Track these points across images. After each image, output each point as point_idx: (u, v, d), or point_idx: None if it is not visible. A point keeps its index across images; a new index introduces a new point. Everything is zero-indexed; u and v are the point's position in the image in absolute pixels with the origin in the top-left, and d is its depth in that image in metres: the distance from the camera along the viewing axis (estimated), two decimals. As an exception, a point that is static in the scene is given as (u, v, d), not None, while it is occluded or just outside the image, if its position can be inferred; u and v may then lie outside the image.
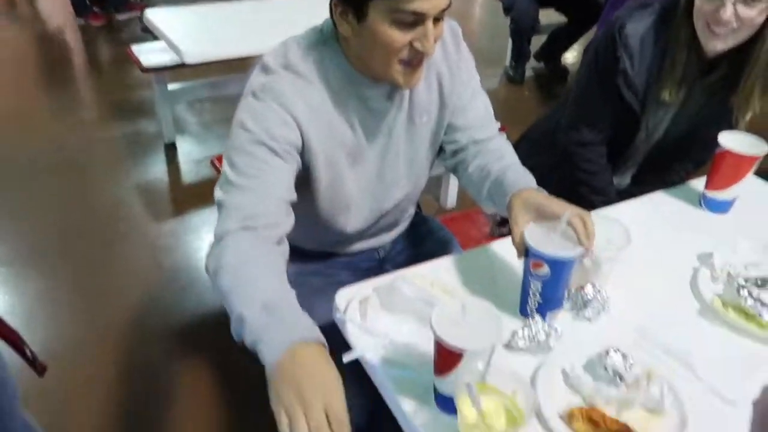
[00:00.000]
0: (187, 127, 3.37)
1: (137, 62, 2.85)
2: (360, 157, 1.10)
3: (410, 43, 0.92)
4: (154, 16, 2.54)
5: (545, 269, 0.91)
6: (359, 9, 0.91)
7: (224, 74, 3.07)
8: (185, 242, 2.47)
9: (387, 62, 0.95)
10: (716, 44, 1.24)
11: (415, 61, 0.95)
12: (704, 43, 1.26)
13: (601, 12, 3.32)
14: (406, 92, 1.09)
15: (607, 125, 1.47)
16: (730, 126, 1.36)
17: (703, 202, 1.36)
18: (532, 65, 4.27)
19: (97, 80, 4.03)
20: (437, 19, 0.92)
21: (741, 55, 1.28)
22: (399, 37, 0.91)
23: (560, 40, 4.15)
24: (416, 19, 0.89)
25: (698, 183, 1.41)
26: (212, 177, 2.60)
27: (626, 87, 1.38)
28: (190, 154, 3.11)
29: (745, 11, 1.17)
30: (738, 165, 1.26)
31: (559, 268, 0.92)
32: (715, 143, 1.26)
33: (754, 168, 1.27)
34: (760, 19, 1.20)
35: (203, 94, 3.22)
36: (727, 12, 1.17)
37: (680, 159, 1.57)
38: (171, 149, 3.10)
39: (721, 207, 1.33)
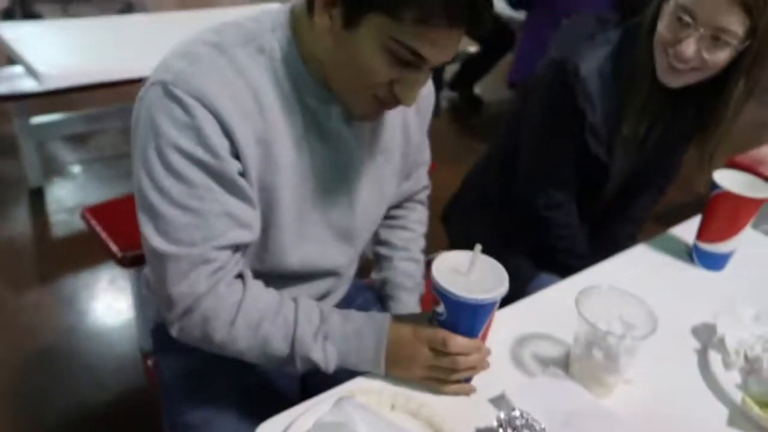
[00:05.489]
0: (60, 167, 2.83)
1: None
2: (301, 191, 0.84)
3: (390, 83, 0.73)
4: (7, 31, 2.08)
5: (441, 308, 0.75)
6: (353, 12, 0.69)
7: (104, 105, 2.61)
8: (55, 318, 2.02)
9: (353, 88, 0.76)
10: (672, 80, 1.07)
11: (386, 103, 0.77)
12: (660, 74, 1.07)
13: (514, 39, 3.20)
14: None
15: (575, 181, 1.29)
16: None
17: (695, 255, 1.13)
18: (446, 95, 3.99)
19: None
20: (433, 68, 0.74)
21: (708, 98, 1.10)
22: (383, 70, 0.72)
23: (474, 68, 3.96)
24: (412, 61, 0.71)
25: (683, 230, 1.20)
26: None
27: (593, 138, 1.19)
28: (62, 201, 2.60)
29: (709, 54, 1.00)
30: (738, 210, 1.04)
31: (455, 309, 0.74)
32: (678, 167, 1.18)
33: (756, 215, 1.04)
34: (723, 61, 1.02)
35: (77, 128, 2.73)
36: (690, 48, 1.00)
37: (644, 192, 1.41)
38: (37, 196, 2.59)
39: (716, 262, 1.11)
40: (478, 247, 0.76)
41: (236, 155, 0.74)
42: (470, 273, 0.76)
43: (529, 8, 3.02)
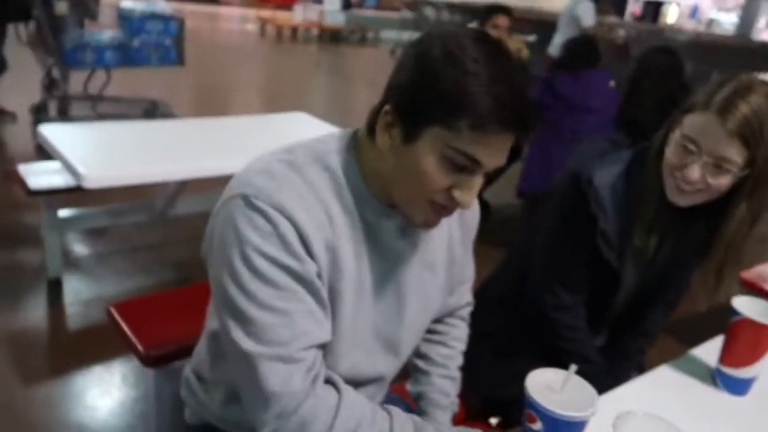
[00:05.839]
0: (77, 259, 2.89)
1: (22, 184, 2.45)
2: (358, 299, 0.89)
3: (449, 189, 0.79)
4: (49, 132, 2.21)
5: (539, 425, 0.79)
6: (411, 128, 0.78)
7: (125, 200, 2.69)
8: (64, 414, 1.98)
9: (414, 198, 0.82)
10: (680, 199, 1.15)
11: (444, 208, 0.83)
12: (669, 193, 1.16)
13: (521, 150, 3.27)
14: (421, 236, 0.94)
15: (585, 285, 1.34)
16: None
17: (718, 380, 1.15)
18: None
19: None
20: (486, 173, 0.81)
21: (714, 216, 1.17)
22: (442, 177, 0.79)
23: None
24: (468, 166, 0.77)
25: (704, 352, 1.23)
26: (104, 323, 2.16)
27: (605, 244, 1.26)
28: (79, 293, 2.64)
29: (713, 179, 1.09)
30: (759, 337, 1.08)
31: (554, 427, 0.78)
32: (687, 284, 1.22)
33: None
34: (726, 186, 1.10)
35: (101, 222, 2.82)
36: (695, 173, 1.09)
37: (655, 306, 1.45)
38: (55, 287, 2.63)
39: (740, 387, 1.13)
40: (573, 367, 0.82)
41: (312, 259, 0.81)
42: (563, 391, 0.81)
43: (536, 124, 3.21)
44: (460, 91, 0.73)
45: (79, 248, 2.99)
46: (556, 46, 5.55)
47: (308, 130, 2.82)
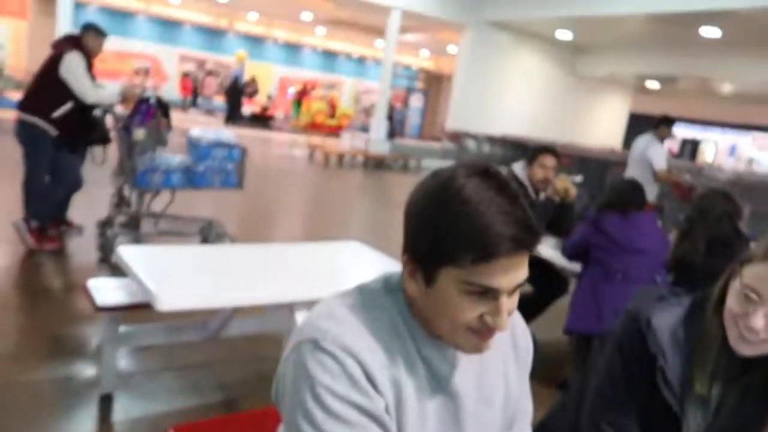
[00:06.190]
0: (128, 375, 2.93)
1: (91, 300, 2.57)
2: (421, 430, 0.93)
3: (480, 316, 0.86)
4: (126, 253, 2.39)
5: None
6: (428, 273, 0.86)
7: (183, 318, 2.77)
8: None
9: (453, 330, 0.88)
10: (744, 349, 1.15)
11: (484, 332, 0.88)
12: (732, 343, 1.16)
13: (565, 285, 3.46)
14: (477, 369, 0.99)
15: (637, 428, 1.30)
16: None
17: None
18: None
19: (32, 310, 3.59)
20: (512, 292, 0.86)
21: None
22: (468, 309, 0.85)
23: (528, 310, 4.22)
24: (489, 293, 0.84)
25: None
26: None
27: (665, 386, 1.24)
28: (128, 410, 2.65)
29: None
30: None
31: None
32: None
33: None
34: None
35: (157, 339, 2.89)
36: (759, 321, 1.10)
37: None
38: (106, 402, 2.64)
39: None
40: None
41: (379, 395, 0.86)
42: None
43: (584, 262, 3.24)
44: (452, 234, 0.82)
45: (130, 363, 3.04)
46: None
47: (361, 257, 2.92)
